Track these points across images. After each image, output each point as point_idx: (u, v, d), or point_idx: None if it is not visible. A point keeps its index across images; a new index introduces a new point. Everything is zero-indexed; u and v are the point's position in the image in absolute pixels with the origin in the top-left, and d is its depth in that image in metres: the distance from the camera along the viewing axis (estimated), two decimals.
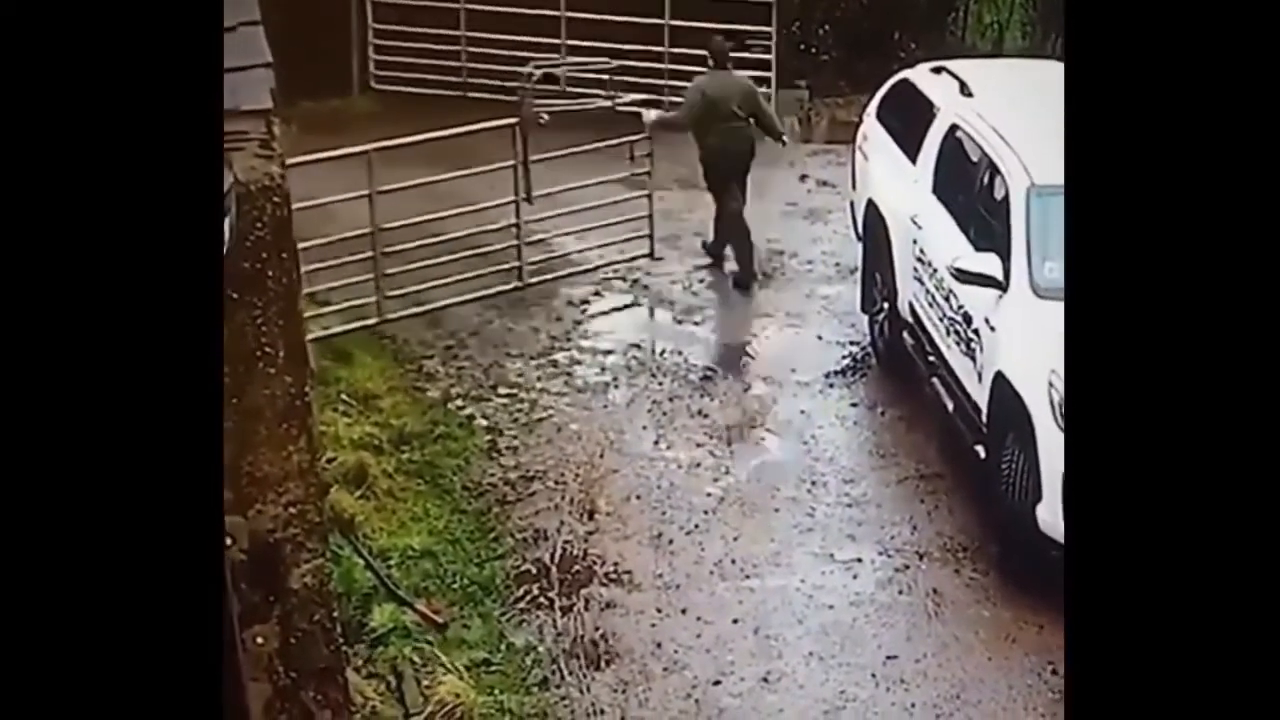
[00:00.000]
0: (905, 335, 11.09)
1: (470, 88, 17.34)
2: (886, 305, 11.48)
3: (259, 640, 6.54)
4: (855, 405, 11.26)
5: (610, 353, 12.10)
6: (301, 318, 6.91)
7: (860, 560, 9.31)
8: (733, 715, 8.08)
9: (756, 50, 16.83)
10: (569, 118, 13.25)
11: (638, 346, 12.25)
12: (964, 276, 9.53)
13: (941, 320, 10.17)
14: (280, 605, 6.61)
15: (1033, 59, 16.64)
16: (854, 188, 12.60)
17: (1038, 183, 9.38)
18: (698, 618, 8.79)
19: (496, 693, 8.11)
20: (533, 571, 9.22)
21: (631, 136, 13.30)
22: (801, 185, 15.73)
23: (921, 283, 10.62)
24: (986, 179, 10.04)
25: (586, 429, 10.89)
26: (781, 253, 13.98)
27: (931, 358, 10.49)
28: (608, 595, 9.01)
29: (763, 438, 10.80)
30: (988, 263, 9.44)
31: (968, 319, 9.65)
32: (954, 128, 10.73)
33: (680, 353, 12.07)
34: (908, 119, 11.62)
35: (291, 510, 6.56)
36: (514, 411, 11.13)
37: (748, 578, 9.16)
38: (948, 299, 10.01)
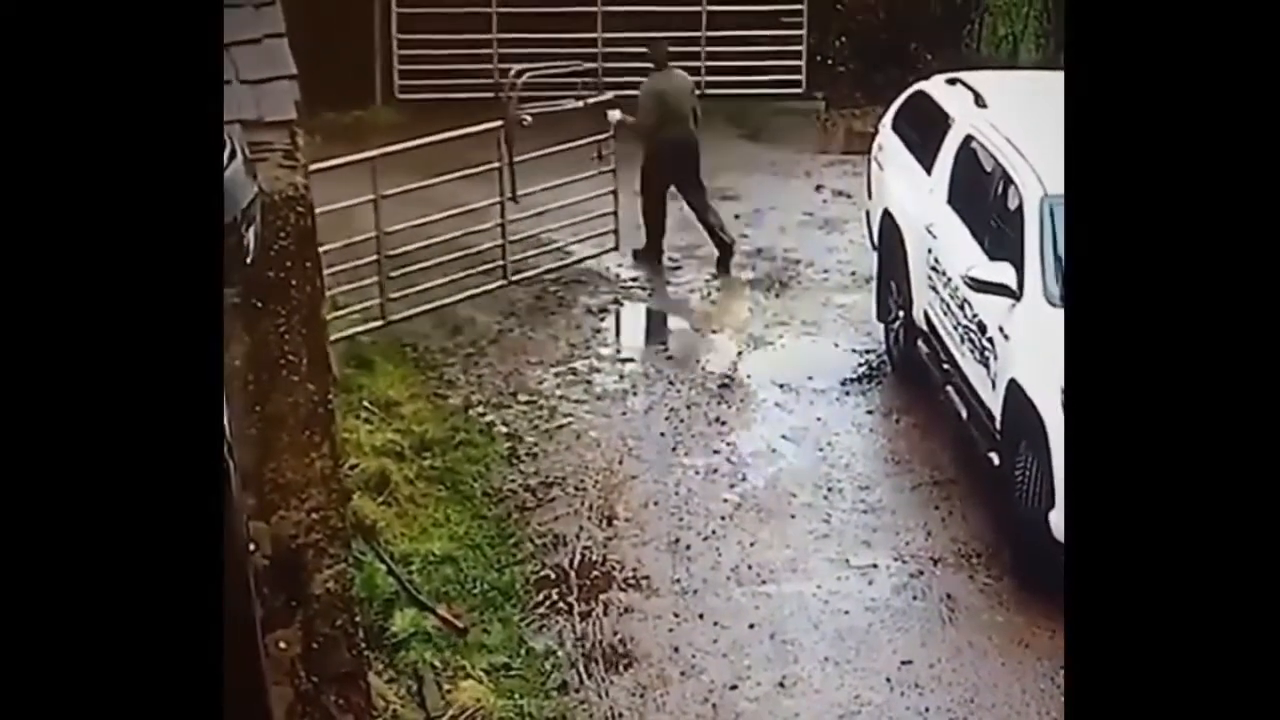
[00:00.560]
0: (920, 343, 11.16)
1: (501, 88, 17.45)
2: (902, 314, 11.55)
3: (282, 645, 6.54)
4: (871, 412, 11.33)
5: (629, 360, 12.20)
6: (324, 326, 6.95)
7: (875, 566, 9.37)
8: (749, 719, 8.14)
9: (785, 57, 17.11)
10: (551, 119, 13.44)
11: (656, 354, 12.35)
12: (978, 285, 9.59)
13: (956, 328, 10.24)
14: (303, 610, 6.64)
15: (1046, 71, 16.64)
16: (870, 198, 12.67)
17: (1051, 192, 9.43)
18: (715, 623, 8.84)
19: (516, 697, 8.15)
20: (552, 577, 9.28)
21: (598, 136, 13.57)
22: (818, 195, 15.84)
23: (936, 291, 10.69)
24: (1000, 189, 10.11)
25: (605, 436, 10.97)
26: (798, 262, 14.08)
27: (946, 365, 10.55)
28: (626, 600, 9.07)
29: (779, 445, 10.87)
30: (1002, 271, 9.50)
31: (982, 327, 9.72)
32: (969, 138, 10.81)
33: (698, 360, 12.16)
34: (923, 130, 11.70)
35: (314, 516, 6.60)
36: (534, 418, 11.21)
37: (764, 583, 9.21)
38: (962, 307, 10.08)
